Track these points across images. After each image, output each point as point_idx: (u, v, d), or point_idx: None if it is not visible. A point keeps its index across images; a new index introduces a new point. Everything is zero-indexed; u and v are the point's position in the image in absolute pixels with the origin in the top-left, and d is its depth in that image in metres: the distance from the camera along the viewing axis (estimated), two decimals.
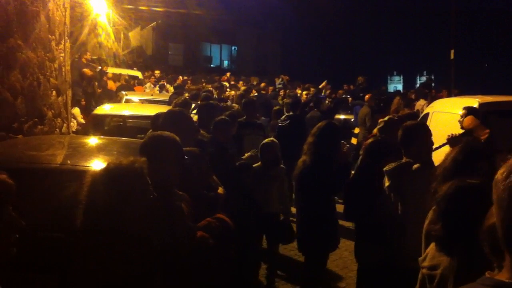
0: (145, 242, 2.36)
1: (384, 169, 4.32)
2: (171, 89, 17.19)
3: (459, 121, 6.07)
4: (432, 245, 2.72)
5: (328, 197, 5.07)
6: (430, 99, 12.69)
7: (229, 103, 11.59)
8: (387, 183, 4.31)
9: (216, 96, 12.16)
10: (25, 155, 4.26)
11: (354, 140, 11.68)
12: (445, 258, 2.56)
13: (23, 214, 2.20)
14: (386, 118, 5.77)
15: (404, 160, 4.30)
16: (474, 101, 6.89)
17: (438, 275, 2.58)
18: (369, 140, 5.07)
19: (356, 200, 4.68)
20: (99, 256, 2.30)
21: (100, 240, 2.30)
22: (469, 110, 6.28)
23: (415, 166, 4.13)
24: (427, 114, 8.06)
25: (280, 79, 21.33)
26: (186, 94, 11.81)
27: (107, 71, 17.45)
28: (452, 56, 20.00)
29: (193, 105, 8.24)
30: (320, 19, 35.15)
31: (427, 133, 4.45)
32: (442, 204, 2.52)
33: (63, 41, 8.82)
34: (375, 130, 6.62)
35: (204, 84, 19.23)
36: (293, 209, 5.80)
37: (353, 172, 5.37)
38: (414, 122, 4.74)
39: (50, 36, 8.03)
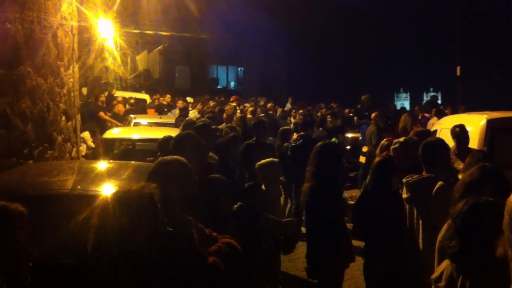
0: (154, 267, 2.36)
1: (404, 180, 4.33)
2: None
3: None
4: (446, 263, 2.69)
5: (339, 217, 5.04)
6: (439, 115, 12.69)
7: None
8: (405, 195, 4.31)
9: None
10: (36, 182, 4.29)
11: (362, 159, 11.67)
12: (460, 278, 2.53)
13: (35, 241, 2.21)
14: (401, 140, 5.68)
15: (425, 174, 4.30)
16: (482, 118, 6.88)
17: None
18: (377, 159, 5.04)
19: (364, 219, 4.66)
20: (109, 281, 2.30)
21: (109, 266, 2.31)
22: (459, 129, 6.24)
23: (439, 184, 4.12)
24: (436, 131, 8.06)
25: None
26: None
27: (115, 95, 17.57)
28: (458, 73, 20.01)
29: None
30: (325, 38, 35.35)
31: (448, 149, 4.51)
32: (458, 220, 2.51)
33: (71, 66, 8.92)
34: (377, 150, 6.56)
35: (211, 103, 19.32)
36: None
37: (361, 190, 5.36)
38: (435, 139, 4.73)
39: (59, 62, 8.12)
